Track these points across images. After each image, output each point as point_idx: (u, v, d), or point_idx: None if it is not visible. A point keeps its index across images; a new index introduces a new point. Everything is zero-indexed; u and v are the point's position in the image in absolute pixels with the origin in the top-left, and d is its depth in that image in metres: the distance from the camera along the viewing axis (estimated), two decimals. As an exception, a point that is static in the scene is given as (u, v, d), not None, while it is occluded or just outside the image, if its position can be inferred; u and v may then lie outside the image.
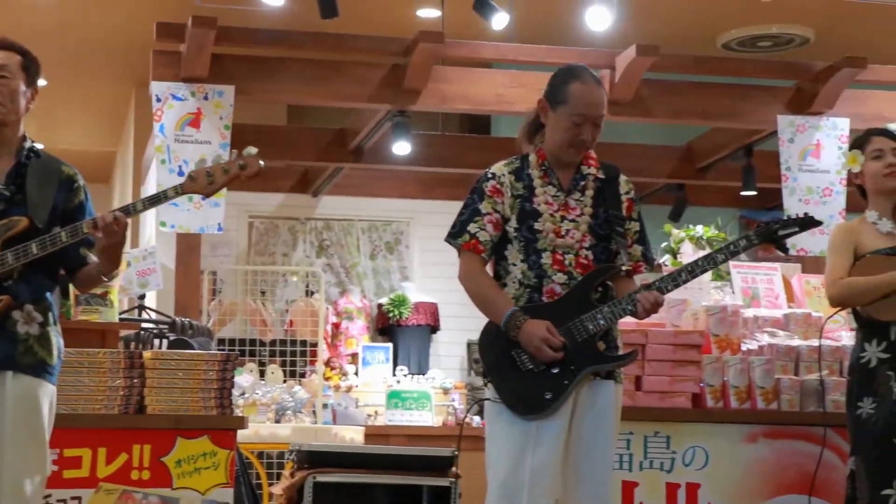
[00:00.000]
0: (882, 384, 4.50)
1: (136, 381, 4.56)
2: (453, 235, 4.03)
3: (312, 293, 10.25)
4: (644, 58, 7.59)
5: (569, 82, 4.01)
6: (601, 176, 4.07)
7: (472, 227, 4.00)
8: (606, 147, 9.66)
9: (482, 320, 4.01)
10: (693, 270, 3.99)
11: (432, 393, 9.52)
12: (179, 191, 3.93)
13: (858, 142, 4.72)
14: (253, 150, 4.04)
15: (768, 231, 4.05)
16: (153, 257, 7.15)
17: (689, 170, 9.88)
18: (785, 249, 4.21)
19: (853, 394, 4.58)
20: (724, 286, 5.96)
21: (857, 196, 4.81)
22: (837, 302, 4.64)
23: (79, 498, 4.46)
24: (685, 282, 3.99)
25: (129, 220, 3.84)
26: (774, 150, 8.21)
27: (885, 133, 4.71)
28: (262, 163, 4.03)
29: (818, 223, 4.11)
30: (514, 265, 3.99)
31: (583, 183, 4.04)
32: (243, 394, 8.23)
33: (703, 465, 5.15)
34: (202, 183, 3.97)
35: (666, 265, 6.24)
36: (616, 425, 4.02)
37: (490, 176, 4.05)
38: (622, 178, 4.12)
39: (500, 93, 7.84)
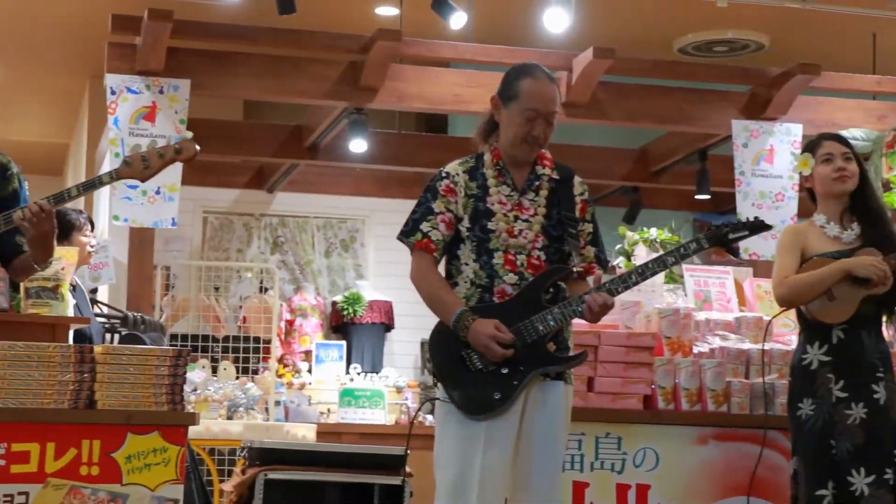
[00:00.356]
0: (822, 386, 4.56)
1: (86, 375, 4.52)
2: (406, 234, 4.03)
3: (266, 290, 10.21)
4: (601, 60, 7.62)
5: (521, 78, 4.01)
6: (555, 177, 4.08)
7: (424, 226, 3.99)
8: (562, 148, 9.77)
9: (436, 319, 4.01)
10: (643, 273, 4.00)
11: (385, 391, 9.52)
12: (114, 176, 3.89)
13: (810, 146, 4.77)
14: (189, 133, 4.01)
15: (719, 234, 4.08)
16: (106, 251, 7.13)
17: (644, 173, 9.94)
18: (735, 253, 4.25)
19: (794, 395, 4.64)
20: (676, 289, 6.01)
21: (808, 201, 4.86)
22: (784, 301, 4.69)
23: (26, 493, 4.41)
24: (635, 284, 4.01)
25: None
26: (728, 154, 8.28)
27: (837, 138, 4.77)
28: (197, 147, 4.00)
29: (768, 227, 4.14)
30: (466, 265, 3.99)
31: (537, 183, 4.05)
32: (195, 390, 8.19)
33: (654, 467, 5.17)
34: (138, 168, 3.94)
35: (619, 267, 6.27)
36: (566, 426, 4.03)
37: (444, 175, 4.04)
38: (576, 179, 4.13)
39: (458, 92, 7.85)
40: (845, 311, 4.56)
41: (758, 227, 4.11)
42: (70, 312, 5.70)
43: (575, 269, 4.01)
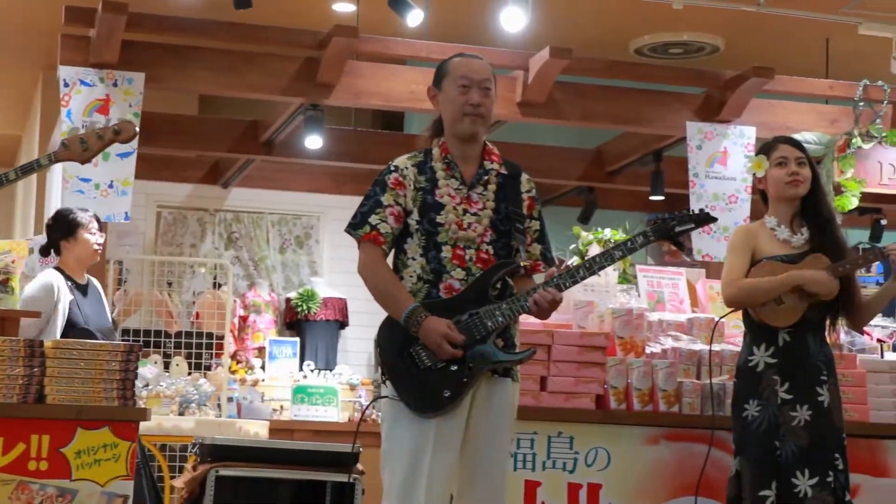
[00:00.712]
0: (768, 388, 4.60)
1: (36, 370, 4.49)
2: (354, 226, 4.02)
3: (220, 285, 10.17)
4: (557, 60, 7.64)
5: (449, 60, 4.11)
6: (504, 171, 4.08)
7: (373, 219, 3.98)
8: (518, 148, 9.80)
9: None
10: (591, 267, 4.00)
11: (339, 388, 9.50)
12: (52, 158, 3.87)
13: (765, 148, 4.81)
14: (128, 115, 4.01)
15: (664, 227, 4.07)
16: (57, 245, 7.02)
17: (600, 173, 9.97)
18: (681, 245, 4.27)
19: (740, 396, 4.68)
20: (630, 289, 6.04)
21: (760, 203, 4.90)
22: (732, 302, 4.72)
23: (-27, 488, 4.37)
24: (583, 278, 4.00)
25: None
26: (683, 156, 8.32)
27: (792, 142, 4.81)
28: (137, 128, 3.97)
29: (713, 219, 4.15)
30: (413, 259, 3.98)
31: (485, 178, 4.05)
32: (147, 385, 8.14)
33: (605, 466, 5.20)
34: (76, 150, 3.92)
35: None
36: (512, 424, 4.03)
37: (392, 168, 4.04)
38: (524, 176, 4.14)
39: (414, 90, 7.84)
40: (792, 314, 4.60)
41: (703, 219, 4.12)
42: (18, 306, 5.69)
43: (523, 265, 4.02)
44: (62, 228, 5.90)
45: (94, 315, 5.89)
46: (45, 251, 6.05)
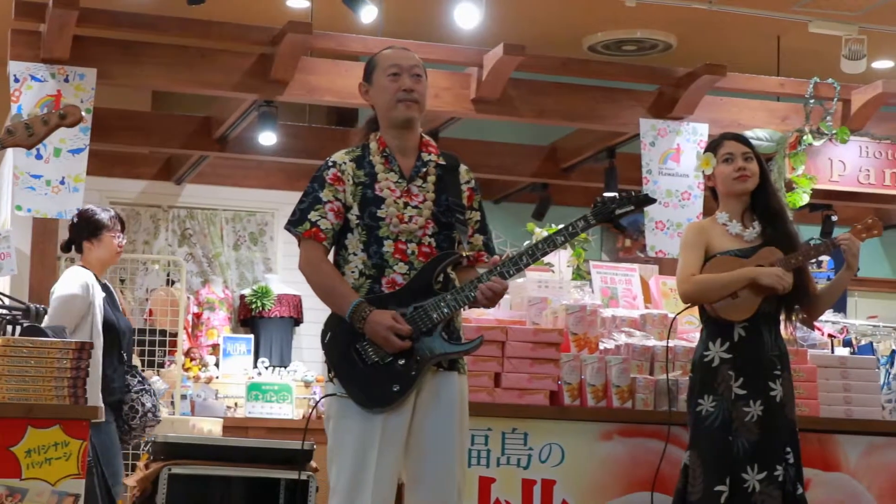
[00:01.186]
0: (723, 383, 4.63)
1: (-15, 368, 4.44)
2: (293, 223, 4.00)
3: (173, 282, 10.11)
4: (511, 57, 7.65)
5: (377, 54, 4.14)
6: (442, 163, 4.08)
7: (312, 216, 3.96)
8: (472, 144, 9.79)
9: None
10: (534, 254, 3.98)
11: (293, 386, 9.47)
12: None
13: (712, 145, 4.85)
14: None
15: (605, 210, 4.04)
16: (7, 242, 6.96)
17: (554, 169, 9.99)
18: (622, 228, 4.28)
19: (695, 391, 4.71)
20: (583, 286, 6.06)
21: (711, 199, 4.94)
22: (688, 298, 4.76)
23: (-79, 488, 4.33)
24: (527, 265, 3.99)
25: None
26: (636, 152, 8.35)
27: (737, 138, 4.85)
28: (83, 113, 3.94)
29: (652, 200, 4.14)
30: (354, 255, 3.96)
31: (424, 170, 4.05)
32: (99, 383, 8.06)
33: (559, 462, 5.22)
34: (21, 135, 3.89)
35: (527, 263, 6.30)
36: (463, 416, 4.01)
37: (330, 164, 4.03)
38: (463, 167, 4.13)
39: (368, 87, 7.82)
40: (747, 309, 4.64)
41: (642, 201, 4.10)
42: (55, 303, 5.72)
43: (465, 254, 4.01)
44: (86, 229, 5.94)
45: (119, 314, 5.95)
46: (66, 248, 6.09)
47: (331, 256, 4.04)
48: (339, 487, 3.86)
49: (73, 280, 5.83)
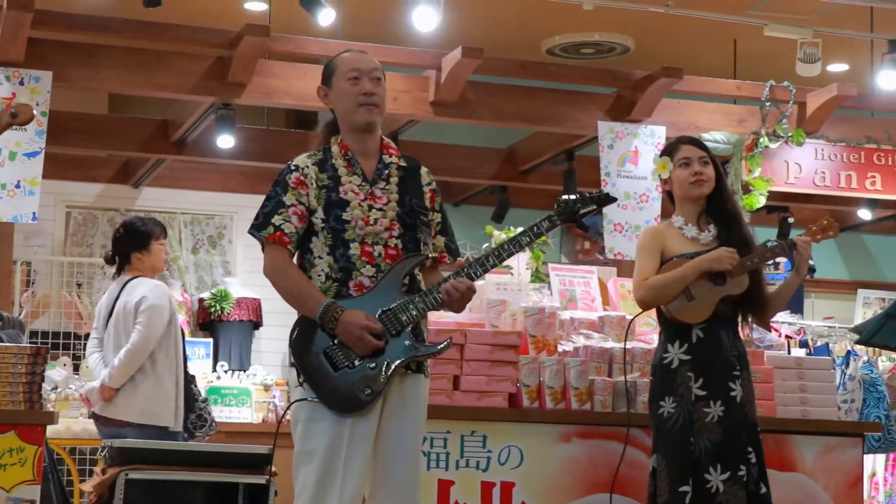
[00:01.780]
0: (682, 385, 4.65)
1: (-61, 374, 4.41)
2: (257, 227, 3.98)
3: (131, 286, 10.04)
4: (469, 60, 7.66)
5: (335, 58, 4.15)
6: (403, 164, 4.09)
7: (276, 219, 3.95)
8: (431, 147, 9.80)
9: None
10: (500, 254, 4.01)
11: (253, 389, 9.44)
12: None
13: (669, 149, 4.87)
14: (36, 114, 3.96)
15: (568, 210, 4.08)
16: (-38, 246, 6.91)
17: (513, 172, 10.01)
18: (585, 228, 4.31)
19: (655, 393, 4.73)
20: (542, 288, 6.08)
21: (668, 203, 4.97)
22: (644, 303, 4.78)
23: None
24: (493, 266, 4.00)
25: None
26: (595, 155, 8.38)
27: (694, 142, 4.88)
28: (35, 111, 3.92)
29: (613, 199, 4.19)
30: (320, 258, 3.95)
31: (386, 172, 4.05)
32: (56, 388, 8.02)
33: (518, 465, 5.23)
34: None
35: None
36: (424, 420, 4.02)
37: (293, 168, 4.03)
38: (423, 169, 4.14)
39: (326, 89, 7.81)
40: (704, 310, 4.66)
41: (604, 200, 4.14)
42: (144, 314, 5.96)
43: (431, 255, 4.02)
44: (134, 240, 6.10)
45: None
46: (111, 261, 6.23)
47: (296, 260, 4.03)
48: (305, 490, 3.85)
49: (157, 290, 6.06)
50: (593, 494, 5.26)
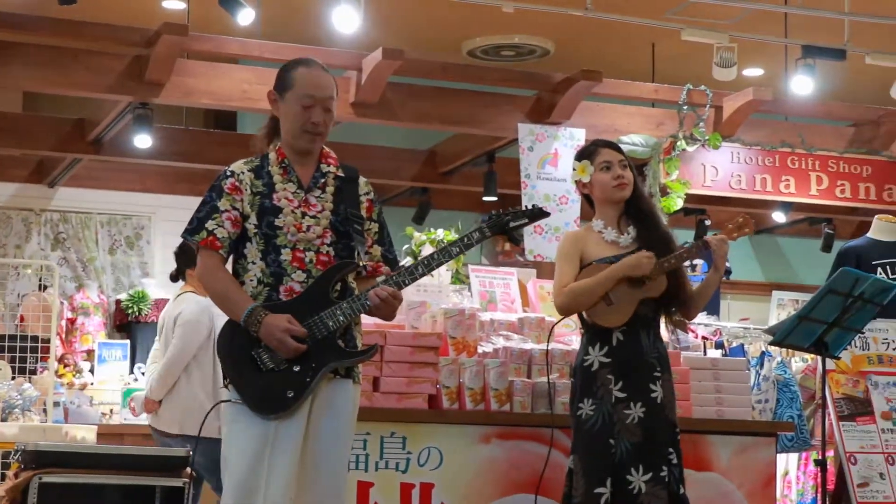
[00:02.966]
0: (602, 387, 4.69)
1: None
2: (190, 232, 4.00)
3: (46, 287, 9.91)
4: (390, 61, 7.66)
5: (294, 68, 4.06)
6: (341, 174, 4.10)
7: (209, 224, 3.96)
8: (351, 148, 9.80)
9: (224, 318, 3.98)
10: (429, 264, 4.04)
11: (171, 392, 9.35)
12: None
13: (587, 153, 4.88)
14: None
15: (500, 222, 4.12)
16: None
17: (433, 174, 10.03)
18: (517, 241, 4.34)
19: (575, 395, 4.76)
20: (462, 289, 6.09)
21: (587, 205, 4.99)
22: (564, 310, 4.80)
23: None
24: (422, 275, 4.04)
25: None
26: (515, 157, 8.42)
27: (612, 145, 4.92)
28: None
29: (546, 214, 4.23)
30: (253, 263, 3.97)
31: (322, 180, 4.06)
32: (-33, 391, 7.88)
33: (438, 466, 5.23)
34: None
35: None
36: (352, 425, 4.05)
37: (229, 174, 4.03)
38: (362, 179, 4.17)
39: (246, 89, 7.77)
40: (624, 314, 4.70)
41: (536, 214, 4.19)
42: (182, 328, 6.28)
43: (362, 265, 4.03)
44: (187, 256, 6.32)
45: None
46: (175, 278, 6.58)
47: (230, 265, 4.04)
48: (229, 491, 3.85)
49: (194, 306, 6.35)
50: (512, 495, 5.27)
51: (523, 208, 4.20)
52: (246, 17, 7.36)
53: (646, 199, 4.91)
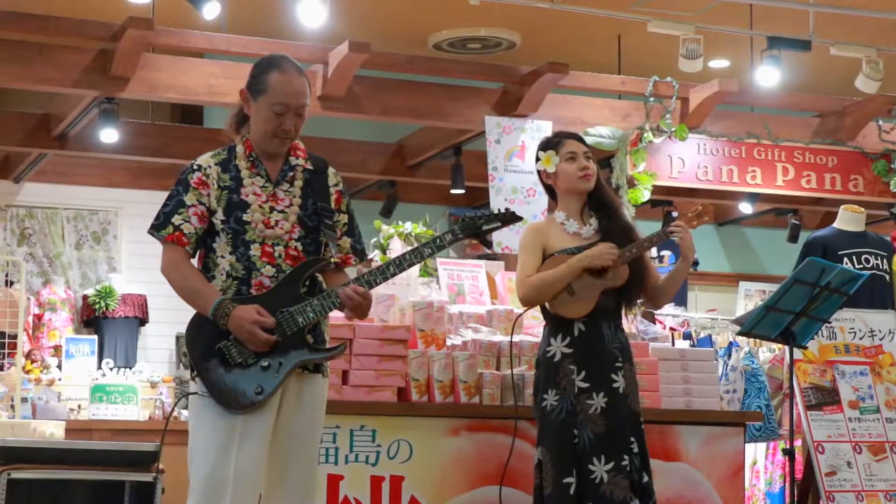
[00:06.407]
0: (565, 377, 4.70)
1: None
2: (157, 227, 3.96)
3: (12, 283, 9.86)
4: (356, 54, 7.65)
5: (269, 72, 3.99)
6: (309, 167, 4.08)
7: (176, 219, 3.94)
8: (318, 142, 9.78)
9: (191, 313, 3.95)
10: (401, 264, 4.03)
11: (139, 387, 9.34)
12: None
13: (552, 144, 4.89)
14: None
15: (473, 226, 4.14)
16: None
17: (401, 167, 10.03)
18: (489, 244, 4.34)
19: (539, 386, 4.78)
20: (430, 282, 6.09)
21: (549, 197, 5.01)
22: (526, 301, 4.80)
23: None
24: (393, 275, 4.03)
25: None
26: (482, 150, 8.43)
27: (576, 137, 4.93)
28: None
29: (519, 218, 4.24)
30: (223, 258, 3.95)
31: (291, 174, 4.04)
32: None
33: (408, 458, 5.24)
34: None
35: (375, 261, 6.31)
36: (321, 419, 4.04)
37: (195, 168, 4.00)
38: (331, 170, 4.14)
39: (212, 83, 7.75)
40: (586, 305, 4.71)
41: (509, 218, 4.20)
42: None
43: (332, 260, 4.03)
44: None
45: None
46: None
47: (198, 258, 4.01)
48: (196, 485, 3.83)
49: None
50: (482, 487, 5.28)
51: (496, 212, 4.20)
52: (211, 10, 7.34)
53: (607, 190, 4.93)
